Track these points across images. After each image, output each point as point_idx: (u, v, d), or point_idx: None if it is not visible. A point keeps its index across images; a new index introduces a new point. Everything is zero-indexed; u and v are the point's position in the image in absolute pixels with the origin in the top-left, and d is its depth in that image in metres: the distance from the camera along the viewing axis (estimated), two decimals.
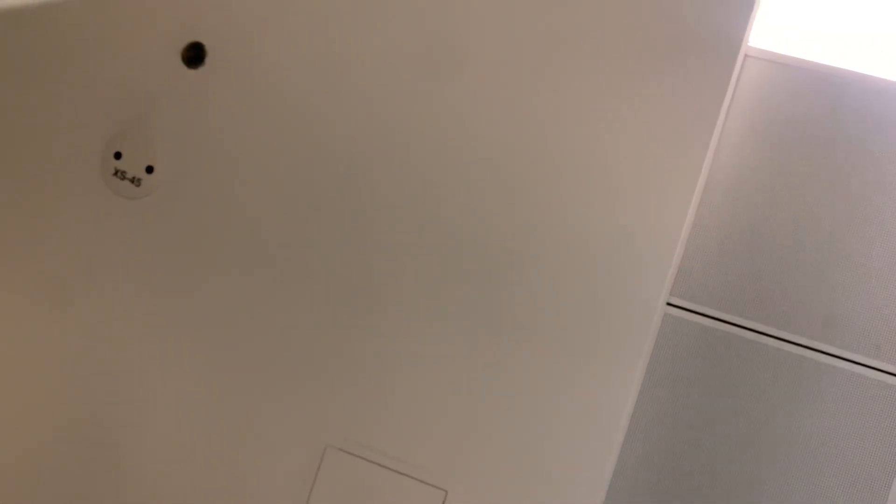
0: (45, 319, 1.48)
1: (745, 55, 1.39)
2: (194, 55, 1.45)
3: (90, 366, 1.45)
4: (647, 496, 1.39)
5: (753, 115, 1.39)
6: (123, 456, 1.43)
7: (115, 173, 1.46)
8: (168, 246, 1.44)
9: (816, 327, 1.36)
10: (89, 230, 1.47)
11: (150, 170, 1.45)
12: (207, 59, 1.44)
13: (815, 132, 1.38)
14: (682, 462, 1.39)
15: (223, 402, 1.40)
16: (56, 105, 1.50)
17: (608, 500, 1.40)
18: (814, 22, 1.40)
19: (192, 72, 1.45)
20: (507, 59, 1.33)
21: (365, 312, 1.36)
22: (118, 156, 1.46)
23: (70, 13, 1.50)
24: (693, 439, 1.38)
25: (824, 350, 1.35)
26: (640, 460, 1.40)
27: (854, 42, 1.38)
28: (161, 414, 1.42)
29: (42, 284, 1.48)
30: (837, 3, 1.40)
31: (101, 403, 1.44)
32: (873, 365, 1.33)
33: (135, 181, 1.46)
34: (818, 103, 1.37)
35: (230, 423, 1.39)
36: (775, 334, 1.37)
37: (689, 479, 1.38)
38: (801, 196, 1.38)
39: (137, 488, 1.42)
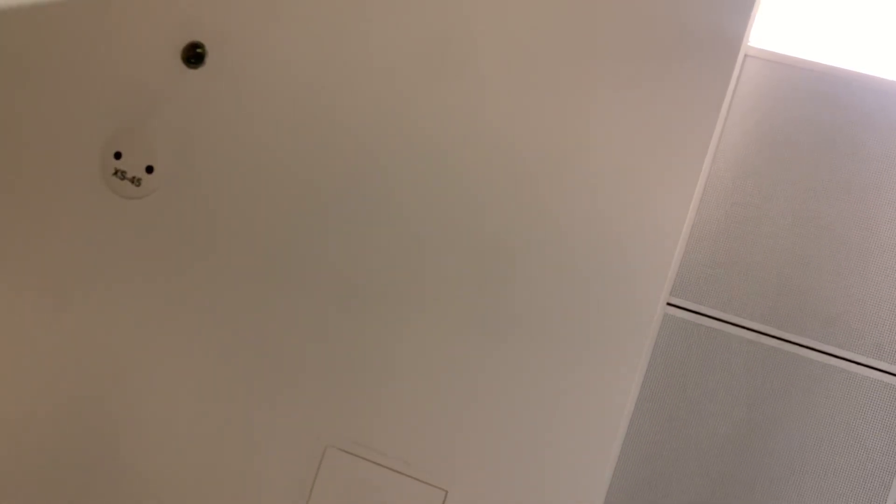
0: (45, 319, 1.48)
1: (745, 55, 1.39)
2: (194, 55, 1.45)
3: (90, 365, 1.45)
4: (647, 496, 1.39)
5: (753, 114, 1.39)
6: (123, 455, 1.43)
7: (115, 173, 1.46)
8: (168, 246, 1.44)
9: (816, 327, 1.36)
10: (89, 230, 1.47)
11: (150, 170, 1.45)
12: (207, 59, 1.44)
13: (814, 132, 1.38)
14: (682, 461, 1.39)
15: (223, 401, 1.40)
16: (56, 105, 1.50)
17: (608, 499, 1.40)
18: (814, 22, 1.40)
19: (192, 72, 1.45)
20: (507, 59, 1.33)
21: (365, 313, 1.36)
22: (118, 156, 1.46)
23: (70, 13, 1.50)
24: (693, 439, 1.38)
25: (824, 350, 1.35)
26: (640, 460, 1.40)
27: (854, 42, 1.38)
28: (161, 414, 1.42)
29: (42, 284, 1.48)
30: (837, 3, 1.40)
31: (100, 403, 1.44)
32: (873, 365, 1.33)
33: (135, 181, 1.46)
34: (818, 103, 1.37)
35: (230, 423, 1.39)
36: (775, 334, 1.37)
37: (689, 479, 1.38)
38: (801, 195, 1.38)
39: (138, 488, 1.42)
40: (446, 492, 1.31)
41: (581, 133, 1.30)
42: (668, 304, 1.40)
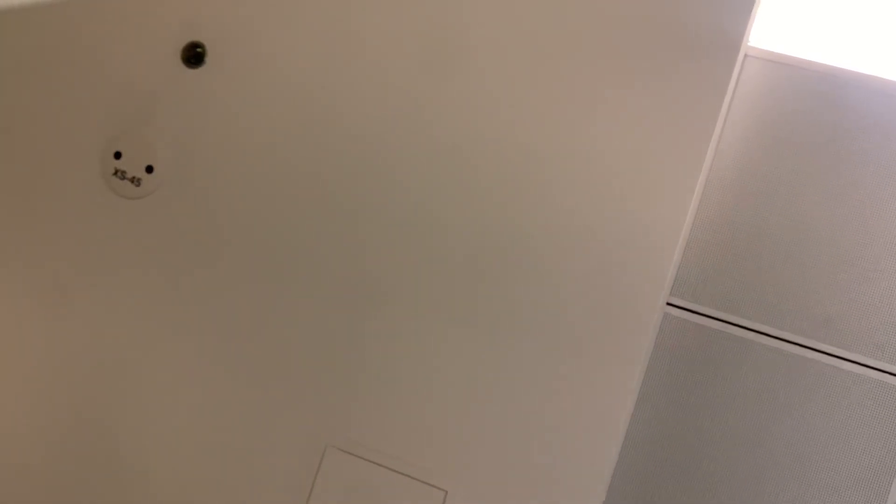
0: (45, 319, 1.48)
1: (745, 55, 1.39)
2: (194, 55, 1.45)
3: (90, 365, 1.45)
4: (646, 496, 1.39)
5: (753, 114, 1.39)
6: (124, 455, 1.43)
7: (115, 173, 1.46)
8: (168, 246, 1.44)
9: (816, 327, 1.36)
10: (89, 230, 1.47)
11: (150, 170, 1.45)
12: (207, 59, 1.44)
13: (814, 131, 1.38)
14: (682, 461, 1.39)
15: (223, 401, 1.40)
16: (56, 105, 1.50)
17: (608, 499, 1.40)
18: (814, 22, 1.40)
19: (192, 72, 1.45)
20: (507, 60, 1.33)
21: (366, 313, 1.36)
22: (118, 156, 1.46)
23: (70, 13, 1.50)
24: (693, 438, 1.38)
25: (824, 350, 1.35)
26: (639, 460, 1.40)
27: (854, 42, 1.38)
28: (161, 414, 1.42)
29: (42, 284, 1.48)
30: (837, 3, 1.40)
31: (100, 403, 1.44)
32: (873, 365, 1.33)
33: (135, 181, 1.46)
34: (818, 103, 1.37)
35: (231, 423, 1.39)
36: (775, 334, 1.37)
37: (689, 479, 1.38)
38: (800, 195, 1.38)
39: (138, 487, 1.42)
40: (446, 492, 1.31)
41: (581, 133, 1.30)
42: (668, 304, 1.40)
